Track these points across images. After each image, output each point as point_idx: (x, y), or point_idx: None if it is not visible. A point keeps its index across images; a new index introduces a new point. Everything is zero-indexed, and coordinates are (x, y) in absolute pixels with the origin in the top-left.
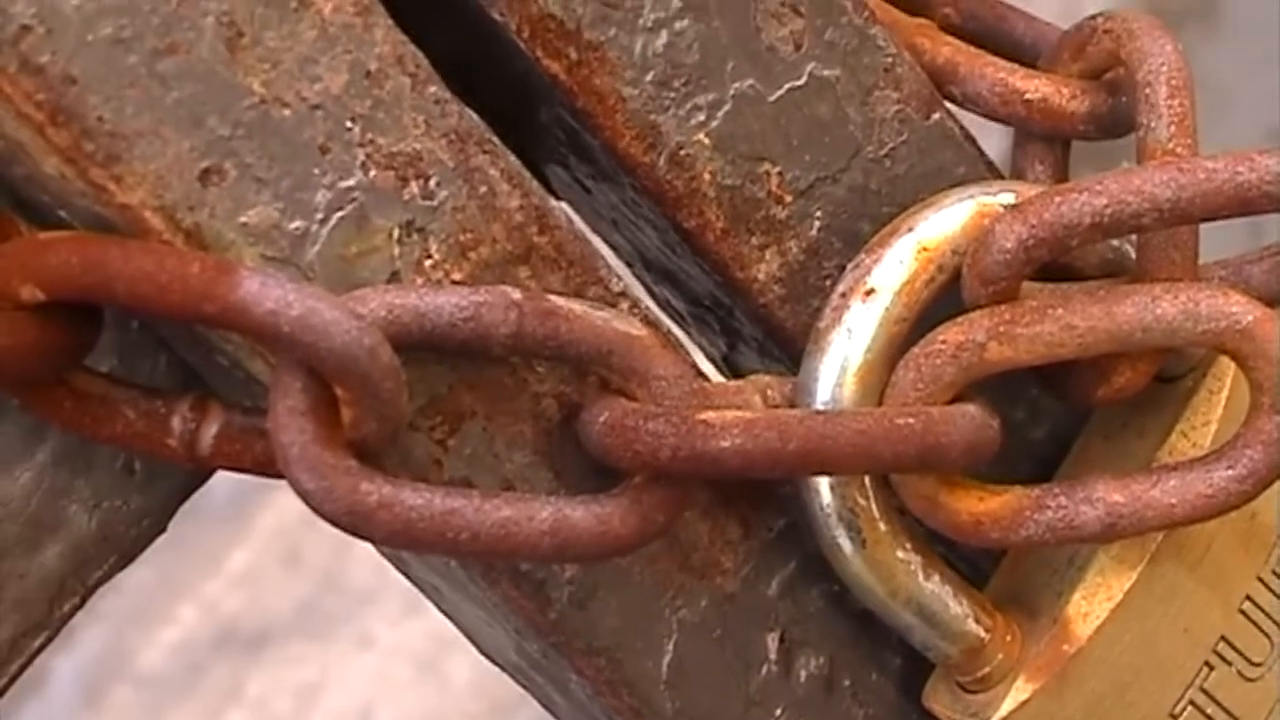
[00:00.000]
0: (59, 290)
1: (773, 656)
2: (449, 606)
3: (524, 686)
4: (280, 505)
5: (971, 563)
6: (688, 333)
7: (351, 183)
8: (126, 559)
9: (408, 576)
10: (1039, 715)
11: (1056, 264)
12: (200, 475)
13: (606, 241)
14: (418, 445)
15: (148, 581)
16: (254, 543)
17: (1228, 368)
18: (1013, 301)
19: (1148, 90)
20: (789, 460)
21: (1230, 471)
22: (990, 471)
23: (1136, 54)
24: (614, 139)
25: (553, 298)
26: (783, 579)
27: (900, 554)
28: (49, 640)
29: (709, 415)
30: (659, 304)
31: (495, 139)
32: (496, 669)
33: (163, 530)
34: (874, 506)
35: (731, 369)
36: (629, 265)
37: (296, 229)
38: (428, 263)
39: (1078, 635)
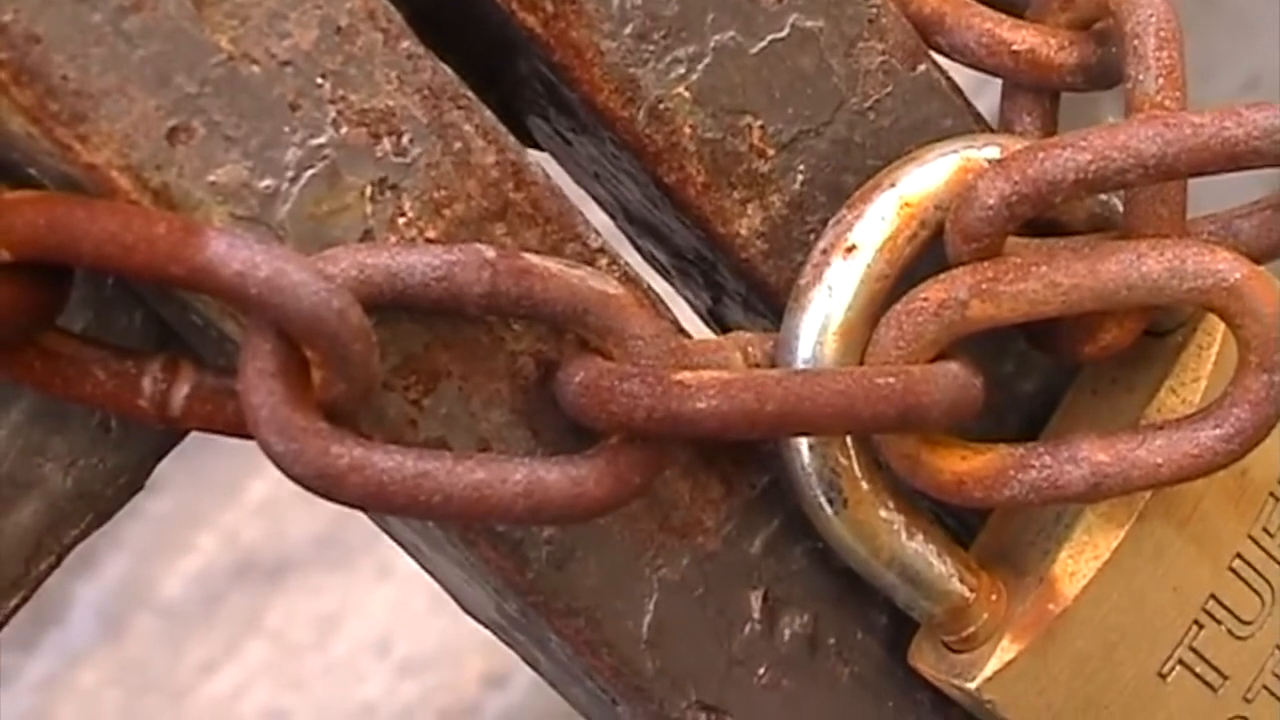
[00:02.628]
0: (25, 250)
1: (756, 615)
2: (430, 564)
3: (507, 644)
4: None
5: (961, 520)
6: (673, 286)
7: (322, 140)
8: (103, 517)
9: (389, 534)
10: (1024, 675)
11: (1043, 219)
12: (178, 433)
13: (589, 194)
14: (392, 405)
15: (168, 510)
16: (273, 472)
17: (1218, 323)
18: (996, 258)
19: (1136, 41)
20: (766, 421)
21: (1217, 431)
22: (979, 426)
23: (1125, 4)
24: (592, 93)
25: (528, 256)
26: (766, 537)
27: (882, 513)
28: (25, 599)
29: (685, 375)
30: (644, 257)
31: (470, 94)
32: None
33: (140, 488)
34: (855, 466)
35: (717, 322)
36: (612, 218)
37: (266, 187)
38: (401, 220)
39: (1064, 594)
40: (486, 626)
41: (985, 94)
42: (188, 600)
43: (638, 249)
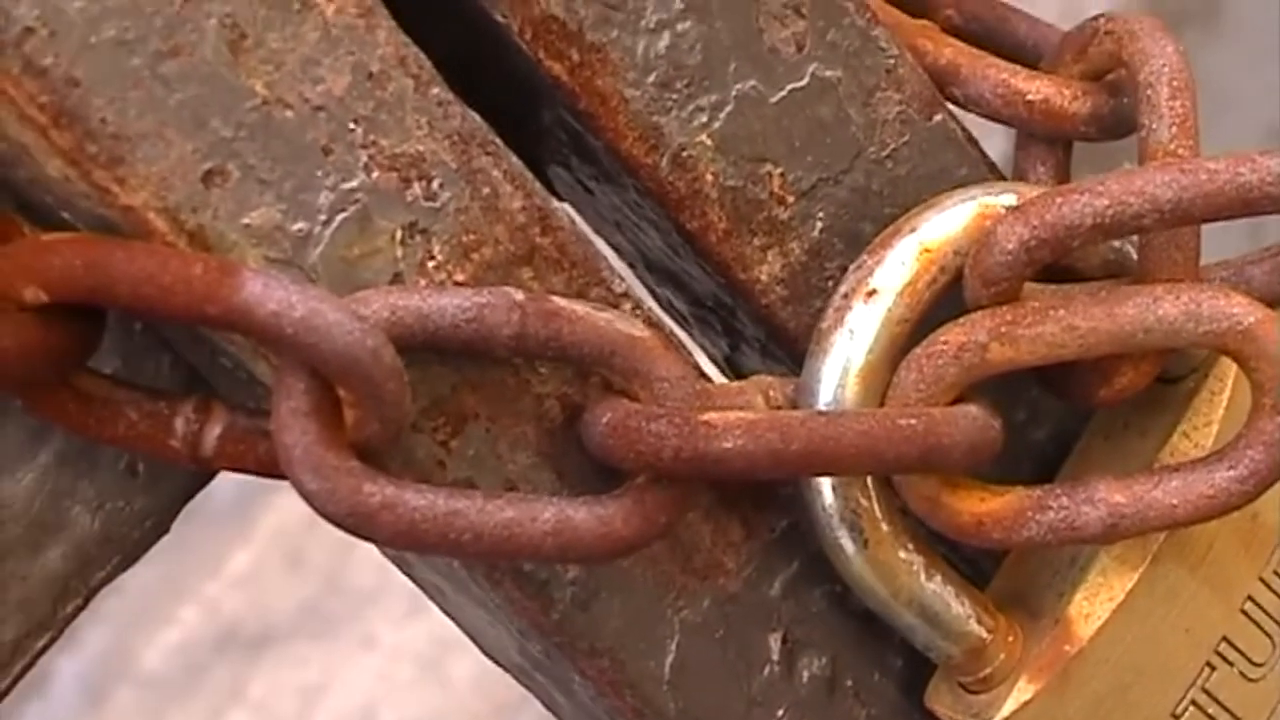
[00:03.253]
0: (62, 292)
1: (775, 657)
2: (452, 607)
3: (526, 687)
4: (282, 506)
5: (973, 563)
6: (690, 334)
7: (354, 184)
8: (129, 560)
9: (410, 577)
10: (1041, 716)
11: (1058, 265)
12: (204, 476)
13: (609, 243)
14: (420, 446)
15: (150, 582)
16: (256, 543)
17: (1229, 368)
18: (1014, 302)
19: (1149, 91)
20: (791, 461)
21: (1232, 472)
22: (992, 472)
23: (1138, 55)
24: (616, 140)
25: (555, 299)
26: (785, 579)
27: (902, 554)
28: (52, 641)
29: (711, 416)
30: (661, 305)
31: (498, 140)
32: (499, 669)
33: (166, 531)
34: (876, 507)
35: (734, 370)
36: (631, 266)
37: (299, 230)
38: (430, 264)
39: (1079, 635)
40: (507, 670)
41: (984, 140)
42: (169, 672)
43: (656, 298)
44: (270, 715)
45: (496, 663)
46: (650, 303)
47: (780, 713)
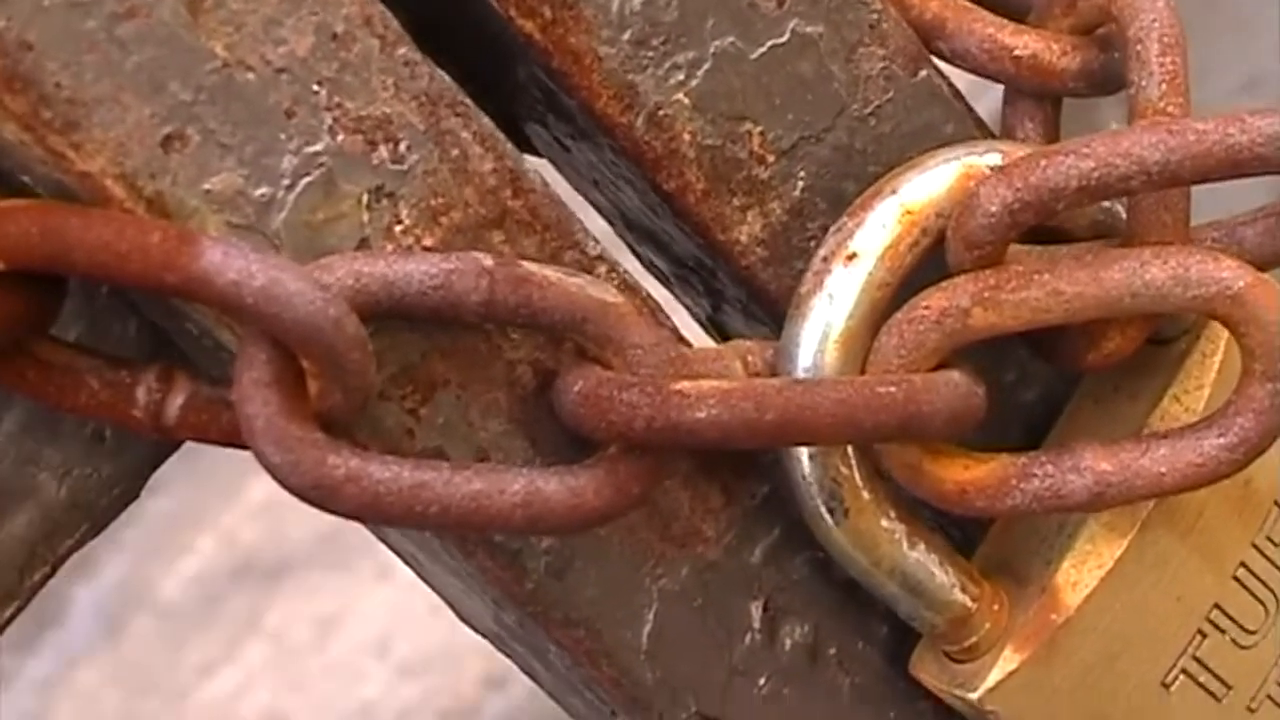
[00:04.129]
0: (18, 259)
1: (756, 625)
2: (427, 574)
3: (505, 654)
4: None
5: (963, 529)
6: (673, 293)
7: (319, 147)
8: (98, 527)
9: (386, 544)
10: (1027, 685)
11: (1045, 226)
12: (172, 443)
13: (588, 200)
14: (389, 415)
15: (167, 512)
16: None
17: (1221, 330)
18: (998, 266)
19: (1139, 47)
20: (767, 431)
21: (1221, 440)
22: (980, 435)
23: (1128, 9)
24: (590, 99)
25: (526, 264)
26: (766, 546)
27: (884, 523)
28: (19, 610)
29: (684, 385)
30: (643, 264)
31: (468, 101)
32: None
33: (135, 498)
34: (856, 475)
35: (717, 329)
36: (611, 224)
37: (262, 195)
38: (398, 228)
39: (1067, 604)
40: (485, 637)
41: (983, 99)
42: (187, 601)
43: (637, 256)
44: (286, 645)
45: (474, 629)
46: (629, 263)
47: (762, 681)
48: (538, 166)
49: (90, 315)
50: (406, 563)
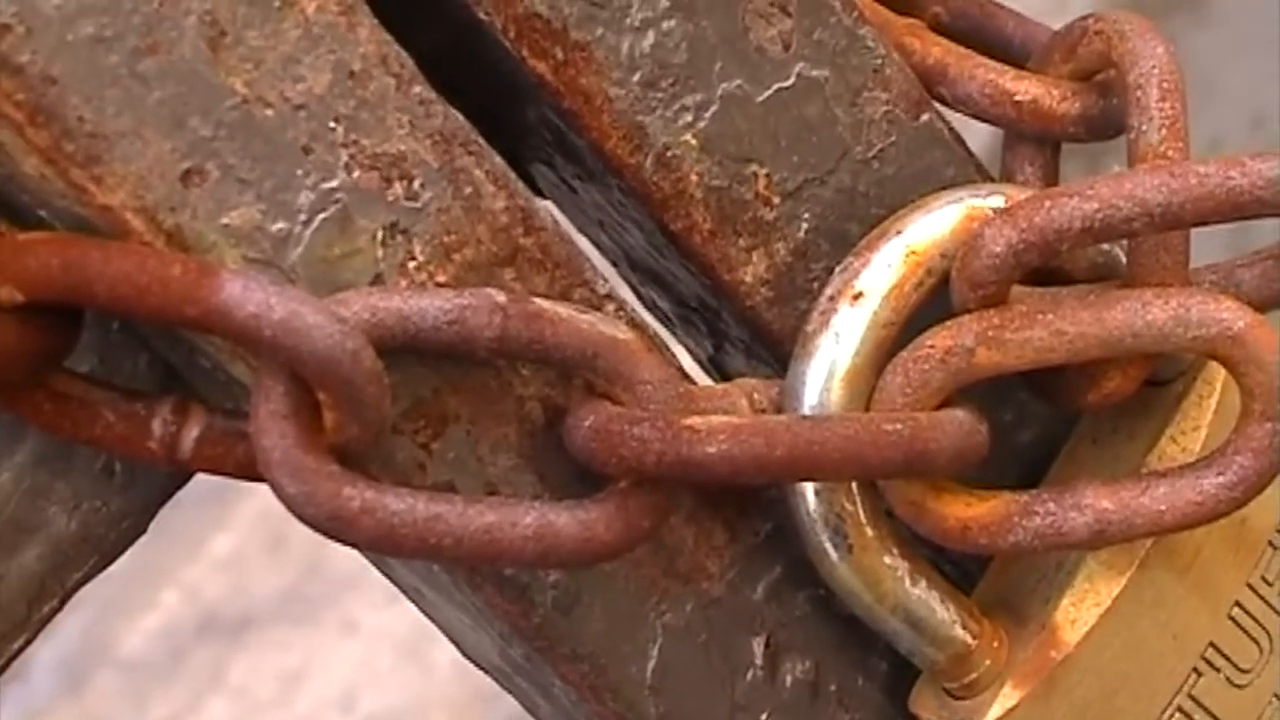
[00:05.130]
0: (38, 292)
1: (758, 661)
2: (431, 609)
3: (507, 690)
4: (264, 490)
5: (960, 567)
6: (674, 334)
7: (335, 184)
8: (106, 560)
9: (389, 578)
10: None
11: (1046, 268)
12: (181, 477)
13: (593, 242)
14: (401, 449)
15: (130, 566)
16: (237, 528)
17: (1218, 372)
18: (1002, 306)
19: (1139, 93)
20: (775, 466)
21: (1220, 479)
22: (978, 475)
23: (1128, 56)
24: (600, 140)
25: (538, 300)
26: (769, 583)
27: (887, 560)
28: (28, 642)
29: (695, 420)
30: (645, 305)
31: (480, 139)
32: None
33: (143, 532)
34: (861, 512)
35: (718, 371)
36: (615, 266)
37: (279, 230)
38: (411, 264)
39: (1065, 641)
40: (488, 673)
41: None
42: (150, 656)
43: (640, 297)
44: (251, 700)
45: (477, 664)
46: (634, 303)
47: (763, 717)
48: (547, 207)
49: (102, 349)
50: (409, 596)
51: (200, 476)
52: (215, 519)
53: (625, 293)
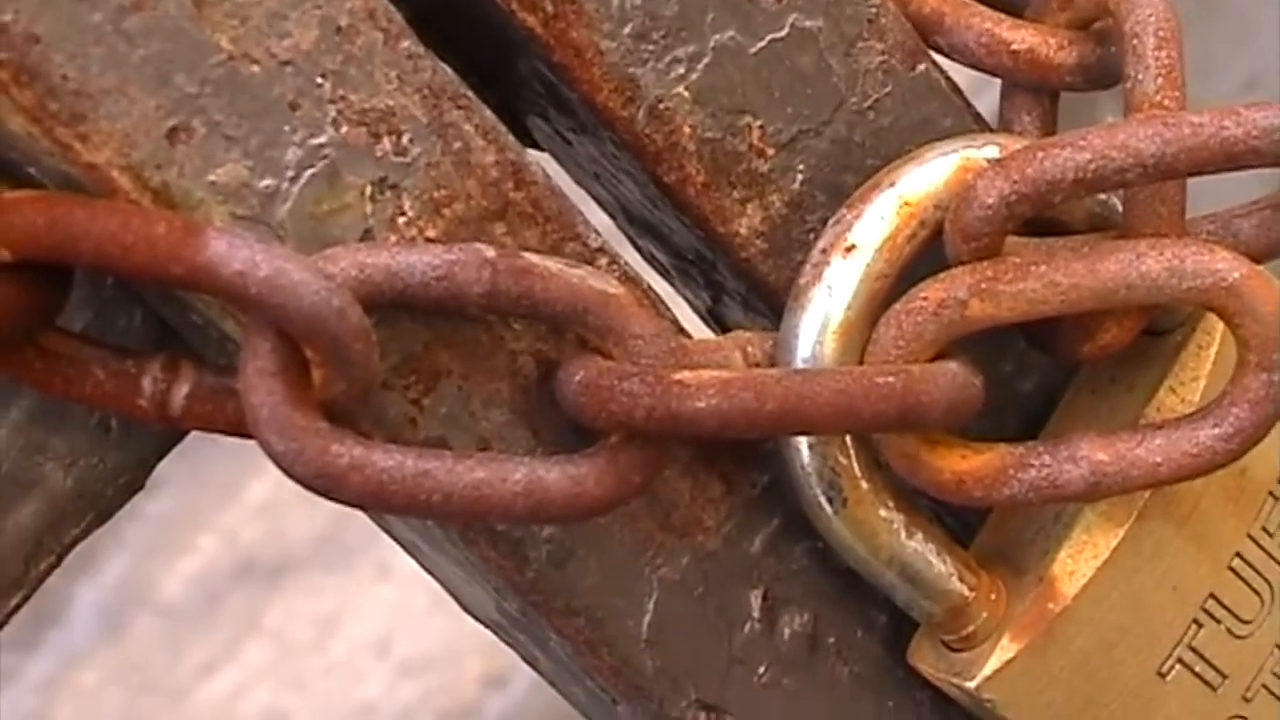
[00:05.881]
0: (25, 250)
1: (756, 614)
2: (430, 564)
3: (507, 643)
4: None
5: (959, 519)
6: (673, 286)
7: (322, 140)
8: (104, 517)
9: (388, 533)
10: (1024, 674)
11: (1042, 218)
12: (177, 433)
13: (589, 194)
14: (392, 404)
15: (168, 511)
16: (272, 473)
17: (1217, 322)
18: (996, 258)
19: (1135, 41)
20: (766, 420)
21: (1216, 430)
22: (978, 425)
23: (1124, 4)
24: (592, 92)
25: (528, 255)
26: (766, 536)
27: (882, 513)
28: (25, 599)
29: (684, 375)
30: (644, 257)
31: (470, 94)
32: None
33: (140, 488)
34: (855, 465)
35: (717, 322)
36: (613, 218)
37: (267, 187)
38: (401, 220)
39: (1064, 593)
40: (486, 626)
41: (984, 95)
42: (188, 600)
43: (637, 249)
44: (287, 645)
45: (476, 618)
46: (630, 256)
47: (761, 670)
48: (539, 160)
49: (96, 306)
50: (408, 551)
51: None
52: (251, 465)
53: (622, 247)
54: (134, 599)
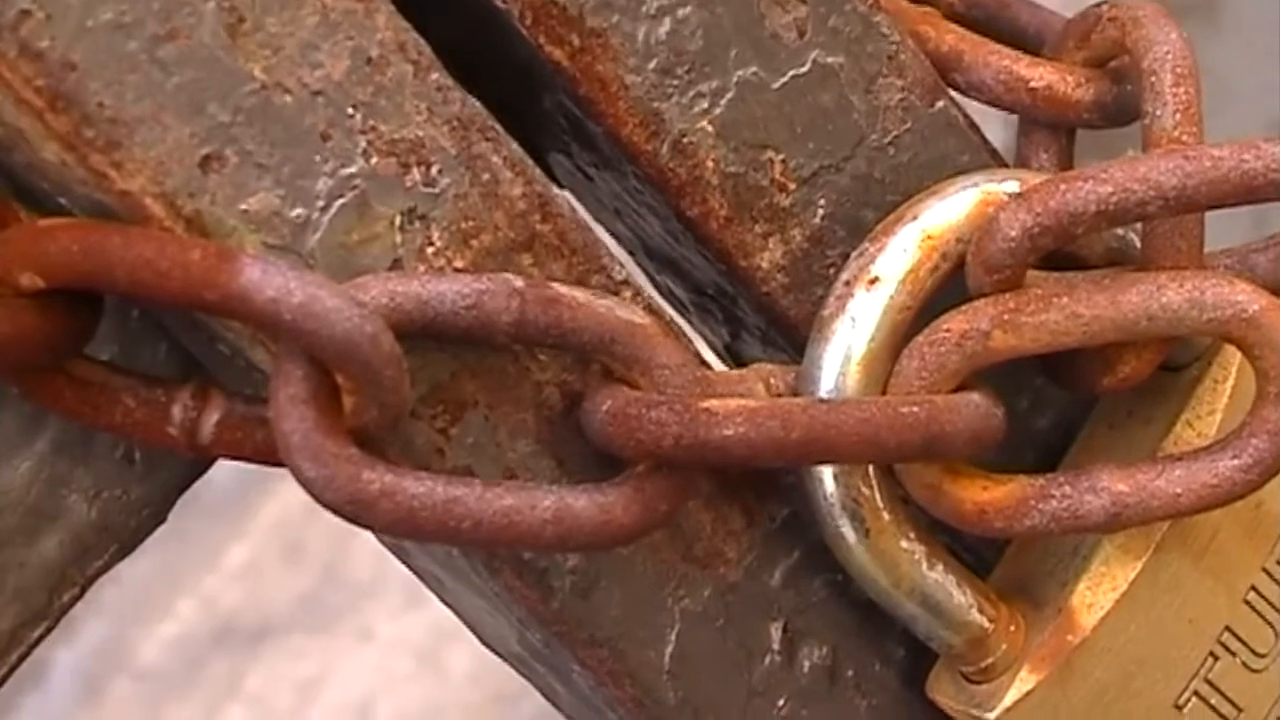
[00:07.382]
0: (59, 277)
1: (776, 646)
2: (450, 596)
3: (525, 676)
4: (280, 498)
5: (976, 552)
6: (690, 322)
7: (353, 170)
8: (127, 549)
9: (409, 566)
10: (1043, 706)
11: (1061, 253)
12: (201, 465)
13: (609, 230)
14: (419, 434)
15: (147, 574)
16: (253, 536)
17: (1233, 356)
18: (1017, 290)
19: (1153, 78)
20: (792, 449)
21: (1236, 461)
22: (995, 460)
23: (1142, 41)
24: (616, 127)
25: (555, 285)
26: (786, 568)
27: (904, 544)
28: (48, 630)
29: (712, 403)
30: (661, 293)
31: (498, 126)
32: (497, 660)
33: (163, 520)
34: (878, 496)
35: (734, 359)
36: (631, 254)
37: (298, 216)
38: (430, 250)
39: (1082, 625)
40: (506, 660)
41: (984, 127)
42: (167, 665)
43: (656, 285)
44: (268, 709)
45: (495, 652)
46: (650, 290)
47: (781, 702)
48: (565, 195)
49: (122, 339)
50: (427, 584)
51: (216, 485)
52: (231, 528)
53: (641, 280)
54: (113, 664)
